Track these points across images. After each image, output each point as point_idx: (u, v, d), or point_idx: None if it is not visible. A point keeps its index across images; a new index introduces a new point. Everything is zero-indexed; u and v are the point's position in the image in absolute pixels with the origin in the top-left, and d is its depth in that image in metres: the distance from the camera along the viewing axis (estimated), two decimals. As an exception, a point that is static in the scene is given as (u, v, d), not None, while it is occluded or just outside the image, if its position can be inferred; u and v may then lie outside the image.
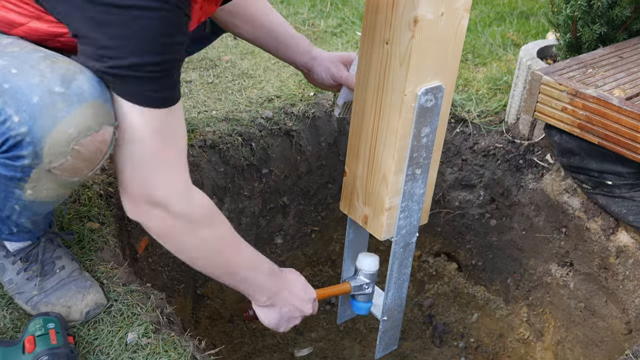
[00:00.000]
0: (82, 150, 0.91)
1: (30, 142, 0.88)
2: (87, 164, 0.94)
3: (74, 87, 0.89)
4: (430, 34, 1.08)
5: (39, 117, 0.87)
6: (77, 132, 0.89)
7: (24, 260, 1.19)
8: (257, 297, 1.19)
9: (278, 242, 2.08)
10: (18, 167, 0.91)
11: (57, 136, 0.88)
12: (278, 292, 1.20)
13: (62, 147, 0.89)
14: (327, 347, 2.15)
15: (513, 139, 1.92)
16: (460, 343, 2.15)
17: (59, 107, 0.87)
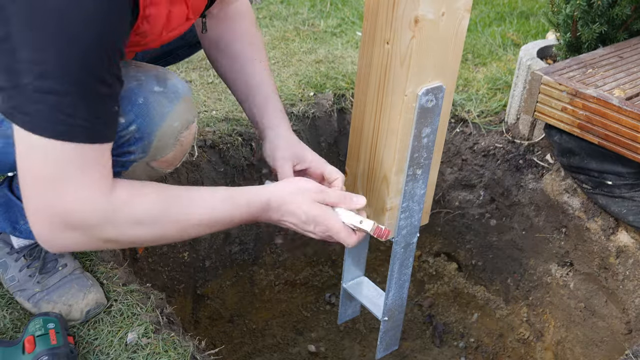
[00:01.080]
0: (184, 142, 1.01)
1: (139, 138, 0.95)
2: (181, 155, 1.03)
3: (170, 85, 0.98)
4: (431, 34, 1.08)
5: (147, 115, 0.94)
6: (180, 125, 0.99)
7: (28, 256, 1.19)
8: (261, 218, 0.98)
9: (278, 242, 2.08)
10: (121, 162, 0.97)
11: (165, 130, 0.96)
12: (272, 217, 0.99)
13: (169, 140, 0.98)
14: (327, 347, 2.15)
15: (513, 139, 1.92)
16: (460, 343, 2.15)
17: (163, 103, 0.96)
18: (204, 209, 0.92)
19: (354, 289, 1.56)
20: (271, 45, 2.46)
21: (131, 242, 0.89)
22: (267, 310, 2.15)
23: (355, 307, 1.68)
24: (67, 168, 0.78)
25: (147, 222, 0.87)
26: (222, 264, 1.97)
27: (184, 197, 0.91)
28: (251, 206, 0.97)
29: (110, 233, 0.84)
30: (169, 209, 0.89)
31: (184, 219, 0.91)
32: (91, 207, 0.80)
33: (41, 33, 0.73)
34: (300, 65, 2.24)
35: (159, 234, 0.90)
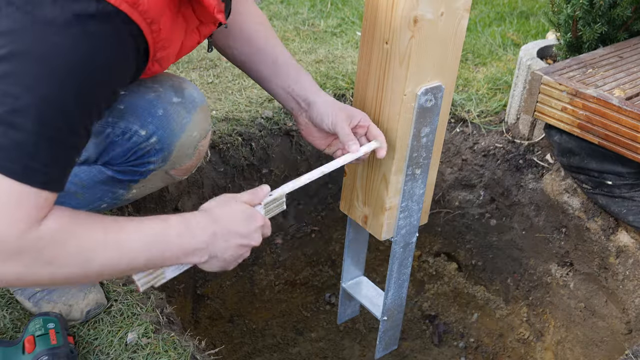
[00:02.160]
0: (201, 150, 1.04)
1: (159, 149, 0.98)
2: (198, 162, 1.05)
3: (187, 95, 1.01)
4: (430, 33, 1.08)
5: (167, 126, 0.97)
6: (199, 134, 1.02)
7: None
8: (188, 260, 0.92)
9: (278, 242, 2.08)
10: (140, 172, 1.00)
11: (184, 141, 0.99)
12: (210, 244, 0.92)
13: (189, 150, 1.01)
14: (327, 347, 2.15)
15: (513, 139, 1.92)
16: (460, 343, 2.15)
17: (182, 114, 0.99)
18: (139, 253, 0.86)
19: (353, 289, 1.56)
20: (271, 45, 2.45)
21: (52, 280, 0.80)
22: (267, 310, 2.15)
23: (355, 306, 1.68)
24: (4, 201, 0.73)
25: (72, 259, 0.80)
26: (222, 264, 1.97)
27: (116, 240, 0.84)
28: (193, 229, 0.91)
29: (23, 263, 0.76)
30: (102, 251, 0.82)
31: (116, 264, 0.84)
32: (16, 233, 0.74)
33: (24, 70, 0.72)
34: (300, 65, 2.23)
35: (82, 273, 0.82)
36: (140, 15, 0.78)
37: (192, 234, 0.91)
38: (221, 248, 0.94)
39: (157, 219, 0.89)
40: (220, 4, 0.91)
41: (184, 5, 0.91)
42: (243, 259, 1.00)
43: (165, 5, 0.83)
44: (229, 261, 0.97)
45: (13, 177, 0.73)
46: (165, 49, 0.89)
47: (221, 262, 0.96)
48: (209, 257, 0.93)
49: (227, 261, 0.96)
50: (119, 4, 0.75)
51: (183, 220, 0.90)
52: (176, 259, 0.90)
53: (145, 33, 0.81)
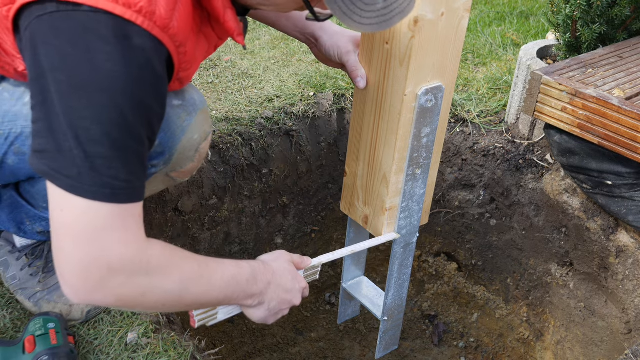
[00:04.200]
0: (202, 152, 1.05)
1: (161, 152, 1.00)
2: (198, 164, 1.06)
3: (188, 98, 1.02)
4: (431, 34, 1.08)
5: (169, 129, 0.99)
6: (200, 137, 1.03)
7: (30, 255, 1.20)
8: (242, 303, 1.06)
9: (278, 242, 2.08)
10: None
11: (186, 144, 1.01)
12: (264, 292, 1.06)
13: (190, 152, 1.03)
14: (327, 347, 2.15)
15: (513, 139, 1.93)
16: (460, 343, 2.15)
17: (182, 116, 1.00)
18: (220, 291, 0.97)
19: (353, 289, 1.56)
20: (271, 45, 2.46)
21: (155, 301, 0.88)
22: (267, 310, 2.15)
23: (355, 306, 1.68)
24: (109, 225, 0.80)
25: (175, 284, 0.88)
26: (222, 264, 1.97)
27: (207, 275, 0.94)
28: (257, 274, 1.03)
29: (143, 285, 0.84)
30: (196, 282, 0.91)
31: (202, 297, 0.94)
32: (131, 255, 0.82)
33: (82, 102, 0.77)
34: (300, 65, 2.24)
35: (177, 297, 0.90)
36: (170, 39, 0.83)
37: (256, 280, 1.02)
38: (270, 298, 1.06)
39: (232, 262, 0.99)
40: (240, 26, 0.95)
41: (204, 25, 0.95)
42: (281, 316, 1.12)
43: (190, 28, 0.88)
44: (272, 311, 1.08)
45: (105, 199, 0.79)
46: (187, 70, 0.93)
47: (265, 312, 1.07)
48: (259, 302, 1.05)
49: (270, 311, 1.07)
50: (151, 29, 0.79)
51: (251, 268, 1.02)
52: (238, 300, 1.01)
53: (173, 55, 0.85)
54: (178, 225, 1.78)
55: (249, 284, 1.01)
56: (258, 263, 1.06)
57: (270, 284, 1.07)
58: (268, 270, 1.07)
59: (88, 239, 0.79)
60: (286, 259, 1.12)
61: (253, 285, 1.02)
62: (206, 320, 1.07)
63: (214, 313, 1.08)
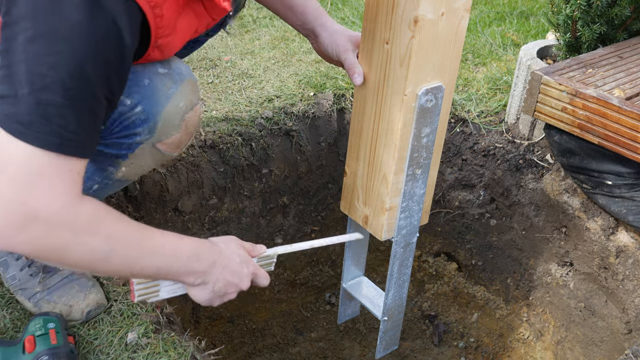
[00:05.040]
0: (189, 123, 1.02)
1: (145, 119, 0.98)
2: (187, 137, 1.04)
3: (175, 67, 1.01)
4: (431, 34, 1.08)
5: (152, 96, 0.97)
6: (185, 105, 1.00)
7: None
8: (182, 279, 1.01)
9: (278, 242, 2.08)
10: (127, 144, 0.99)
11: (170, 110, 0.98)
12: (208, 271, 1.02)
13: (175, 121, 1.00)
14: (327, 347, 2.15)
15: (513, 139, 1.93)
16: (460, 343, 2.15)
17: (168, 84, 0.98)
18: (155, 260, 0.93)
19: (353, 289, 1.56)
20: (271, 45, 2.46)
21: (77, 258, 0.86)
22: (267, 310, 2.15)
23: (355, 307, 1.68)
24: (47, 173, 0.79)
25: (101, 243, 0.86)
26: (222, 264, 1.97)
27: (141, 241, 0.91)
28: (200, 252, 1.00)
29: (65, 240, 0.83)
30: (127, 246, 0.89)
31: (134, 263, 0.91)
32: (59, 207, 0.81)
33: (43, 49, 0.76)
34: (300, 65, 2.24)
35: (104, 257, 0.87)
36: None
37: (198, 257, 0.99)
38: (215, 278, 1.02)
39: (175, 235, 0.96)
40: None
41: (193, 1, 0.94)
42: (228, 299, 1.08)
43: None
44: (217, 293, 1.04)
45: (50, 148, 0.78)
46: (167, 37, 0.91)
47: (209, 293, 1.03)
48: (202, 282, 1.01)
49: (215, 292, 1.04)
50: None
51: (194, 244, 0.99)
52: (177, 275, 0.98)
53: (149, 16, 0.85)
54: (178, 225, 1.78)
55: (190, 260, 0.98)
56: (204, 241, 1.03)
57: (216, 264, 1.03)
58: (214, 250, 1.04)
59: (21, 182, 0.78)
60: (237, 244, 1.10)
61: (195, 263, 0.99)
62: (147, 295, 1.03)
63: (156, 290, 1.04)
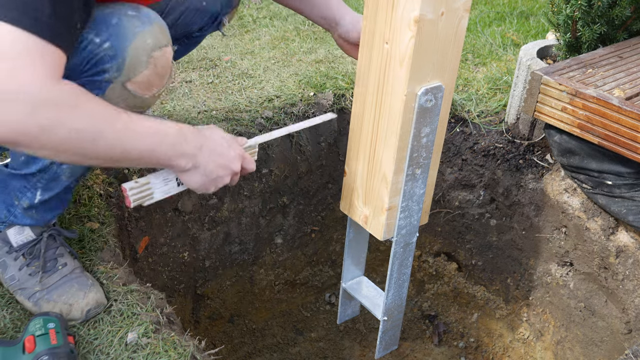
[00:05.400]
0: (157, 62, 1.03)
1: (113, 55, 0.99)
2: (158, 79, 1.05)
3: (144, 11, 1.03)
4: (430, 34, 1.08)
5: (120, 33, 0.99)
6: (153, 42, 1.02)
7: (27, 255, 1.20)
8: (173, 164, 1.03)
9: (278, 242, 2.08)
10: (97, 82, 1.00)
11: (138, 45, 1.00)
12: (197, 154, 1.05)
13: (142, 57, 1.01)
14: (327, 347, 2.15)
15: (513, 139, 1.93)
16: (460, 343, 2.15)
17: (136, 23, 1.01)
18: (142, 140, 0.96)
19: (353, 289, 1.56)
20: (271, 45, 2.46)
21: (64, 139, 0.87)
22: (267, 310, 2.15)
23: (355, 306, 1.68)
24: (25, 53, 0.82)
25: (85, 121, 0.88)
26: (222, 264, 1.97)
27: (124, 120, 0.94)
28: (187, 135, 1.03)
29: (50, 119, 0.85)
30: (112, 125, 0.92)
31: (121, 144, 0.93)
32: (40, 85, 0.83)
33: None
34: (300, 65, 2.24)
35: (90, 139, 0.90)
36: None
37: (185, 138, 1.03)
38: (204, 161, 1.06)
39: (157, 118, 1.01)
40: None
41: None
42: (223, 184, 1.11)
43: None
44: (209, 176, 1.08)
45: (26, 28, 0.82)
46: None
47: (202, 177, 1.07)
48: (193, 166, 1.05)
49: (207, 176, 1.07)
50: None
51: (178, 126, 1.03)
52: (167, 157, 1.01)
53: None
54: (178, 225, 1.78)
55: (177, 139, 1.01)
56: (188, 125, 1.06)
57: (203, 147, 1.06)
58: (200, 134, 1.07)
59: (0, 60, 0.80)
60: (220, 131, 1.13)
61: (183, 143, 1.02)
62: (142, 199, 1.05)
63: (150, 192, 1.06)
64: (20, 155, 1.10)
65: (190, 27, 1.49)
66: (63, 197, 1.19)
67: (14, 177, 1.14)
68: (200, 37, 1.56)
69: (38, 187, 1.13)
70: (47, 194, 1.14)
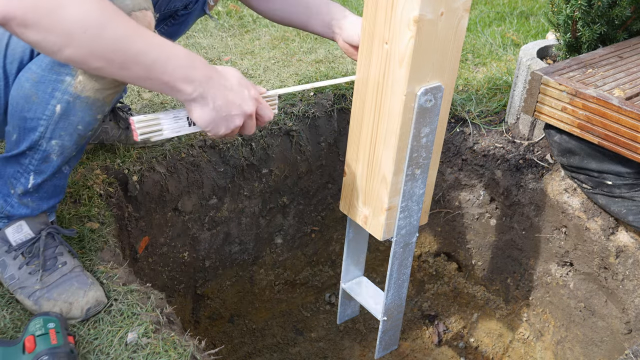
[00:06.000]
0: (138, 21, 0.99)
1: None
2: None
3: None
4: (430, 34, 1.08)
5: None
6: (132, 4, 0.99)
7: (27, 254, 1.20)
8: (179, 87, 0.98)
9: (278, 242, 2.08)
10: None
11: (116, 3, 0.95)
12: (204, 83, 1.00)
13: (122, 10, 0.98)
14: (327, 347, 2.15)
15: (513, 139, 1.93)
16: (460, 343, 2.15)
17: None
18: (150, 45, 0.94)
19: (353, 289, 1.57)
20: (271, 45, 2.46)
21: (71, 19, 0.86)
22: (267, 310, 2.15)
23: (355, 307, 1.68)
24: None
25: (94, 7, 0.87)
26: (222, 264, 1.97)
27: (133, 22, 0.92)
28: (196, 61, 1.00)
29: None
30: (120, 19, 0.90)
31: (127, 41, 0.91)
32: None
33: None
34: (300, 65, 2.24)
35: (97, 25, 0.88)
36: None
37: (193, 63, 0.98)
38: (213, 94, 1.01)
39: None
40: None
41: None
42: (235, 126, 1.05)
43: None
44: (219, 112, 1.02)
45: None
46: None
47: (211, 111, 1.02)
48: (200, 95, 1.00)
49: (217, 111, 1.02)
50: None
51: (188, 52, 0.99)
52: (173, 77, 0.96)
53: None
54: (178, 225, 1.78)
55: (185, 61, 0.97)
56: (198, 55, 1.02)
57: (213, 79, 1.01)
58: (211, 67, 1.02)
59: None
60: (235, 71, 1.08)
61: (190, 68, 0.98)
62: (149, 133, 1.02)
63: (159, 128, 1.03)
64: (12, 134, 1.10)
65: (173, 3, 1.47)
66: (57, 184, 1.20)
67: (7, 163, 1.14)
68: (186, 16, 1.53)
69: (30, 171, 1.13)
70: (39, 177, 1.14)
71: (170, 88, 0.98)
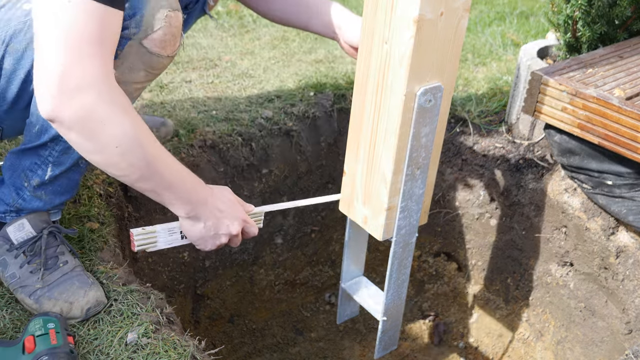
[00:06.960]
0: (171, 22, 1.09)
1: (132, 14, 1.05)
2: (172, 38, 1.10)
3: None
4: (430, 34, 1.08)
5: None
6: (167, 3, 1.08)
7: (28, 252, 1.20)
8: (177, 206, 1.12)
9: (278, 242, 2.08)
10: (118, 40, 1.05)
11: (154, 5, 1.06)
12: (201, 205, 1.14)
13: (158, 14, 1.08)
14: (327, 347, 2.15)
15: (513, 139, 1.93)
16: (460, 343, 2.15)
17: None
18: (170, 167, 1.07)
19: (352, 289, 1.57)
20: (271, 45, 2.46)
21: (112, 135, 0.96)
22: (267, 310, 2.15)
23: (354, 306, 1.68)
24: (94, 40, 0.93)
25: (130, 126, 0.97)
26: (222, 264, 1.97)
27: (160, 146, 1.05)
28: (197, 185, 1.14)
29: (107, 110, 0.94)
30: (149, 141, 1.02)
31: (153, 160, 1.02)
32: (104, 76, 0.93)
33: None
34: (300, 65, 2.24)
35: (131, 142, 0.98)
36: None
37: (196, 190, 1.13)
38: (206, 215, 1.15)
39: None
40: None
41: None
42: (220, 244, 1.19)
43: None
44: (208, 230, 1.16)
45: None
46: None
47: (202, 229, 1.16)
48: (195, 216, 1.14)
49: (207, 229, 1.16)
50: None
51: (194, 177, 1.14)
52: (179, 197, 1.10)
53: None
54: (178, 225, 1.78)
55: (192, 186, 1.12)
56: (199, 179, 1.16)
57: (208, 202, 1.15)
58: (208, 189, 1.16)
59: (72, 47, 0.90)
60: (230, 192, 1.22)
61: (193, 192, 1.12)
62: (146, 245, 1.15)
63: (154, 241, 1.16)
64: (35, 125, 1.13)
65: None
66: (72, 177, 1.22)
67: (24, 155, 1.16)
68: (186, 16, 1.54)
69: (49, 162, 1.16)
70: (57, 169, 1.17)
71: (171, 205, 1.11)
